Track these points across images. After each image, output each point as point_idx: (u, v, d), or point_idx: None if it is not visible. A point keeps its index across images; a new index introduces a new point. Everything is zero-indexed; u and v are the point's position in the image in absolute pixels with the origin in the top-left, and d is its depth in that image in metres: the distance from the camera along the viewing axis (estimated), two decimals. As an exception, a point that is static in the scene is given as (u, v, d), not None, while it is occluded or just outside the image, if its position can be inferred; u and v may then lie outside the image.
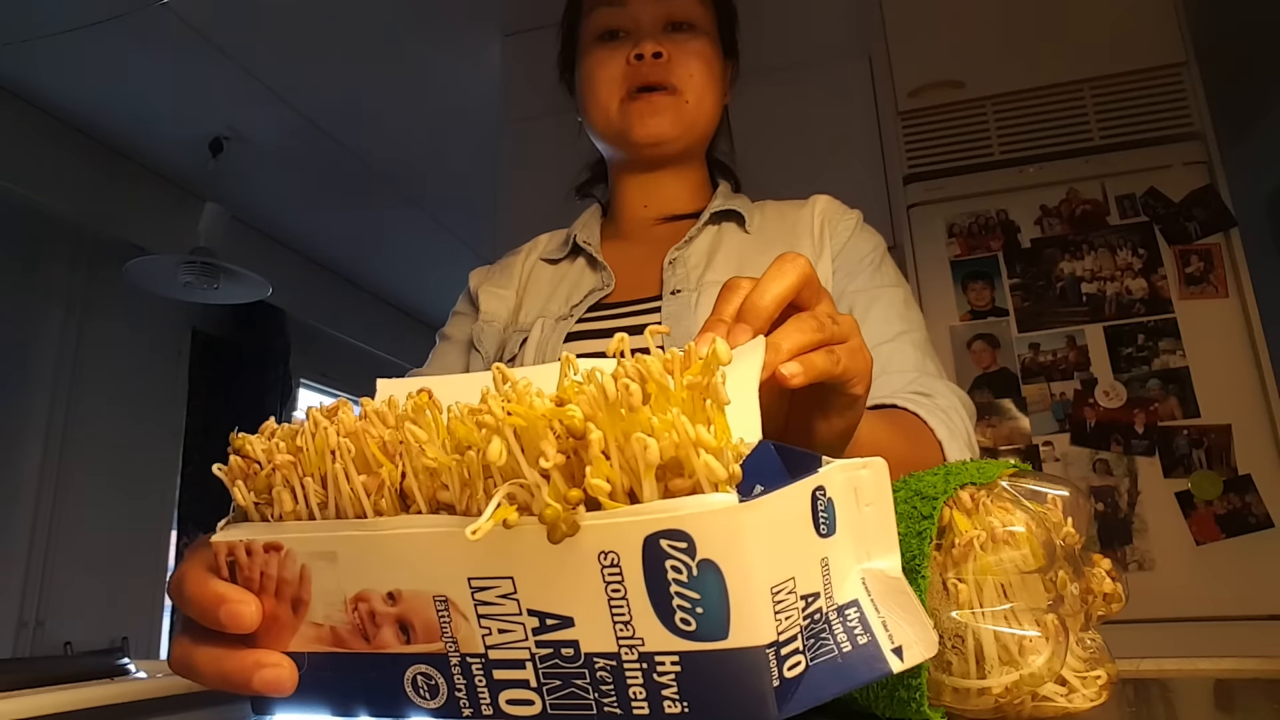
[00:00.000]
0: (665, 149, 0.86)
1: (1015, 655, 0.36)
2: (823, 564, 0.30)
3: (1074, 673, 0.37)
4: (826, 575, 0.30)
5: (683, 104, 0.84)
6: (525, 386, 0.30)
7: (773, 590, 0.27)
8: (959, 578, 0.37)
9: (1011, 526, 0.38)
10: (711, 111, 0.87)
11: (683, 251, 0.84)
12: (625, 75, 0.84)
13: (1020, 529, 0.38)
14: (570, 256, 0.92)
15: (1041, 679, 0.36)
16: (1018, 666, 0.36)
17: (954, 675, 0.37)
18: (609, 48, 0.86)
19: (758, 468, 0.30)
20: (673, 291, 0.80)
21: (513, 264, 0.96)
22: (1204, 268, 1.79)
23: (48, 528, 2.78)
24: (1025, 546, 0.37)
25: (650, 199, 0.91)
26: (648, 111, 0.83)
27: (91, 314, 3.02)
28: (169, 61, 2.57)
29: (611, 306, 0.83)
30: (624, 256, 0.88)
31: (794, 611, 0.29)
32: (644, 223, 0.91)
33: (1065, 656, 0.36)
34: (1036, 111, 1.97)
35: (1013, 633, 0.36)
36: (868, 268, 0.80)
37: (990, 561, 0.37)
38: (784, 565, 0.28)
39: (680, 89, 0.84)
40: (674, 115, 0.84)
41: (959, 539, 0.38)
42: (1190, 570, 1.67)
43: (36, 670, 0.59)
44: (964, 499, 0.39)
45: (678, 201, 0.90)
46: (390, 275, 4.37)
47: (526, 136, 2.48)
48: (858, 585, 0.32)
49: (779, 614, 0.28)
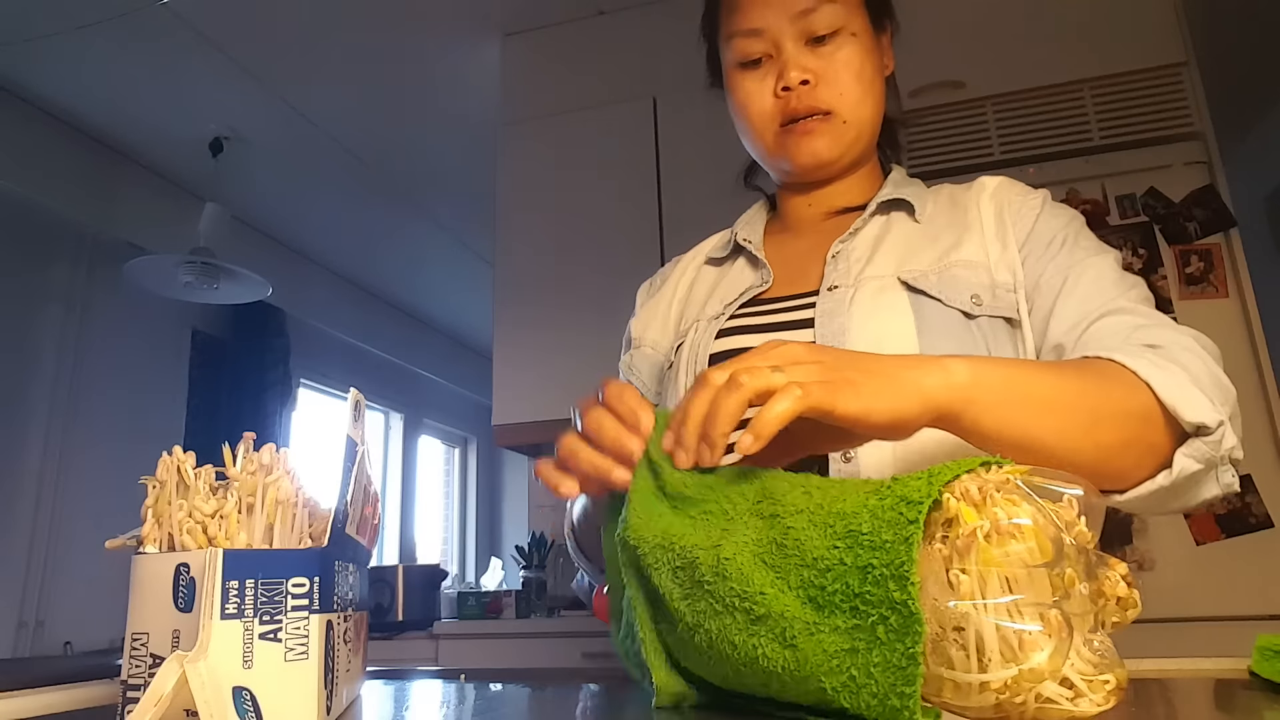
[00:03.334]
0: (827, 170, 0.84)
1: (1016, 650, 0.35)
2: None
3: (1081, 676, 0.36)
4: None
5: (839, 125, 0.81)
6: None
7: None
8: (962, 569, 0.37)
9: (1018, 519, 0.37)
10: (872, 116, 0.84)
11: (847, 244, 0.82)
12: (775, 108, 0.82)
13: (1027, 521, 0.37)
14: (732, 256, 0.91)
15: (1041, 676, 0.35)
16: (1018, 661, 0.35)
17: (955, 670, 0.37)
18: (754, 77, 0.83)
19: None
20: (830, 288, 0.78)
21: (669, 276, 0.96)
22: (1204, 268, 1.79)
23: (48, 528, 2.78)
24: (1032, 540, 0.37)
25: (815, 201, 0.89)
26: (804, 140, 0.81)
27: (91, 314, 3.02)
28: (169, 61, 2.57)
29: (767, 302, 0.82)
30: (787, 251, 0.87)
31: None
32: (809, 219, 0.89)
33: (1069, 654, 0.36)
34: (1036, 111, 1.97)
35: (1014, 627, 0.36)
36: (1064, 245, 0.76)
37: (995, 554, 0.37)
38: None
39: (834, 110, 0.81)
40: (831, 138, 0.81)
41: (963, 530, 0.37)
42: (1190, 570, 1.67)
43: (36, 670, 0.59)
44: (971, 491, 0.39)
45: (845, 199, 0.88)
46: (390, 275, 4.37)
47: (526, 136, 2.48)
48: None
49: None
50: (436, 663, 2.31)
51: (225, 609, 0.40)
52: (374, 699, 0.58)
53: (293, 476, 0.48)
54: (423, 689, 0.66)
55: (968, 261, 0.76)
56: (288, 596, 0.41)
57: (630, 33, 2.48)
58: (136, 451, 3.04)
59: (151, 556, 0.43)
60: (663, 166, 2.34)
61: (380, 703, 0.57)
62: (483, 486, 5.63)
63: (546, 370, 2.30)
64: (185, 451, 0.48)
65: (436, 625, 2.41)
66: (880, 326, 0.73)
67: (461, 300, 4.69)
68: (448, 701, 0.59)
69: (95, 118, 2.86)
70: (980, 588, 0.37)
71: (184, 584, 0.40)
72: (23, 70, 2.59)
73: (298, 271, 3.93)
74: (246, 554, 0.41)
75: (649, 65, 2.40)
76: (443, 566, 3.08)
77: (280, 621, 0.41)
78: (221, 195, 2.91)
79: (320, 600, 0.42)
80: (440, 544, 5.31)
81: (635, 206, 2.32)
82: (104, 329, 3.05)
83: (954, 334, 0.72)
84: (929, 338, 0.71)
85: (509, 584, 3.41)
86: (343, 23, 2.46)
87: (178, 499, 0.46)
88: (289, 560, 0.42)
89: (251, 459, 0.48)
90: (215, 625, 0.39)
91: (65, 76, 2.63)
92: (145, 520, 0.46)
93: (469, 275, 4.27)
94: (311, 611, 0.42)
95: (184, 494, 0.46)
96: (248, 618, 0.40)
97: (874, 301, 0.75)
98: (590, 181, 2.37)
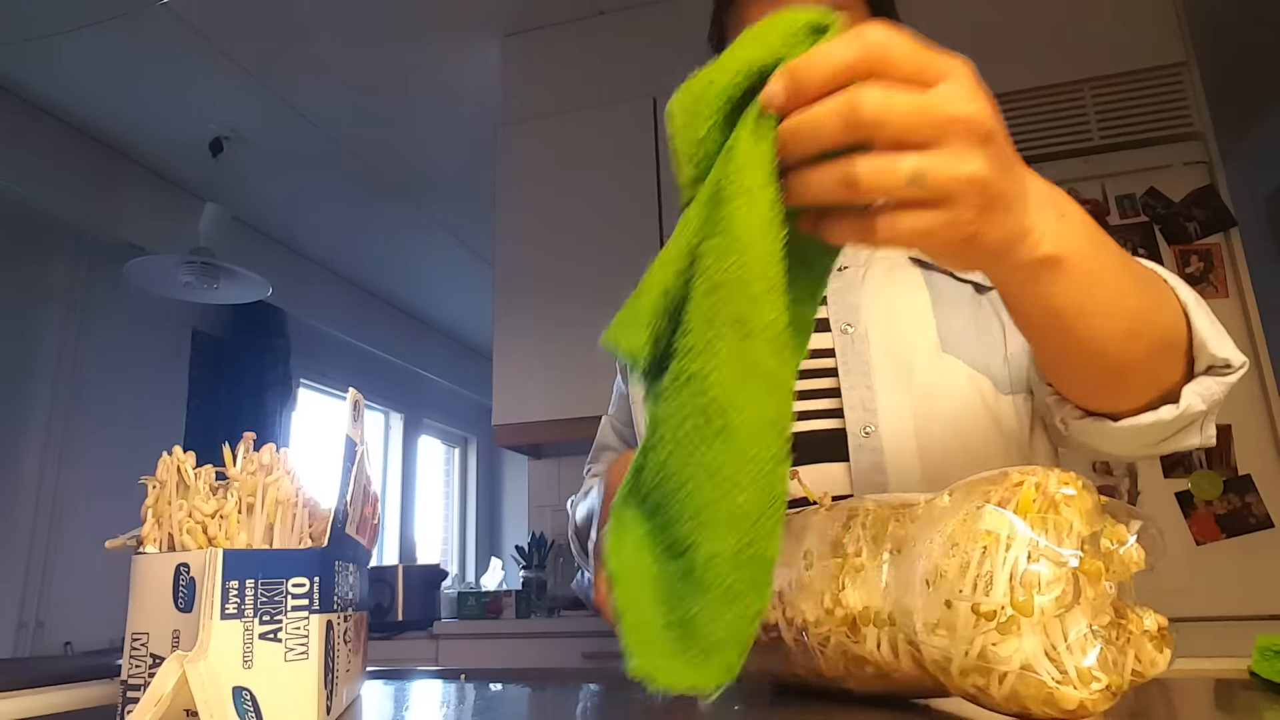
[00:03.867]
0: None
1: (1018, 585, 0.36)
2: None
3: (1073, 661, 0.36)
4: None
5: None
6: None
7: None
8: (1001, 504, 0.39)
9: (1066, 488, 0.38)
10: None
11: None
12: None
13: (1072, 492, 0.38)
14: None
15: (1029, 610, 0.35)
16: (1016, 595, 0.36)
17: (960, 592, 0.37)
18: None
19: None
20: (840, 268, 0.79)
21: None
22: (1204, 268, 1.79)
23: (48, 528, 2.78)
24: (1076, 511, 0.38)
25: None
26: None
27: (91, 314, 3.02)
28: (169, 61, 2.57)
29: None
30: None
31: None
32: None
33: (1068, 616, 0.36)
34: (1036, 111, 1.97)
35: (1030, 566, 0.36)
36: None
37: (1034, 508, 0.38)
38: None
39: None
40: None
41: (1012, 482, 0.39)
42: (1190, 570, 1.67)
43: (36, 670, 0.59)
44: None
45: None
46: (390, 275, 4.37)
47: (526, 136, 2.48)
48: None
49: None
50: (436, 663, 2.31)
51: (225, 609, 0.40)
52: (374, 699, 0.58)
53: (293, 476, 0.48)
54: (423, 689, 0.66)
55: None
56: (288, 596, 0.41)
57: (630, 33, 2.48)
58: (136, 451, 3.05)
59: (151, 556, 0.43)
60: (663, 166, 2.34)
61: (380, 703, 0.57)
62: (483, 486, 5.63)
63: (546, 370, 2.30)
64: (185, 451, 0.48)
65: (436, 625, 2.41)
66: (896, 301, 0.75)
67: (461, 300, 4.69)
68: (448, 701, 0.59)
69: (95, 118, 2.86)
70: (1010, 528, 0.37)
71: (184, 584, 0.41)
72: (23, 70, 2.59)
73: (298, 271, 3.93)
74: (246, 554, 0.41)
75: (649, 65, 2.40)
76: (443, 566, 3.08)
77: (280, 621, 0.41)
78: (221, 195, 2.91)
79: (320, 600, 0.42)
80: (440, 544, 5.31)
81: (635, 206, 2.32)
82: (104, 329, 3.05)
83: (967, 307, 0.74)
84: (944, 311, 0.73)
85: (509, 584, 3.41)
86: (343, 23, 2.46)
87: (178, 499, 0.46)
88: (289, 560, 0.42)
89: (251, 459, 0.48)
90: (215, 625, 0.39)
91: (65, 76, 2.63)
92: (145, 520, 0.46)
93: (469, 275, 4.27)
94: (311, 611, 0.42)
95: (184, 494, 0.46)
96: (248, 618, 0.40)
97: (887, 277, 0.77)
98: (590, 181, 2.37)
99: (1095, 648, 0.36)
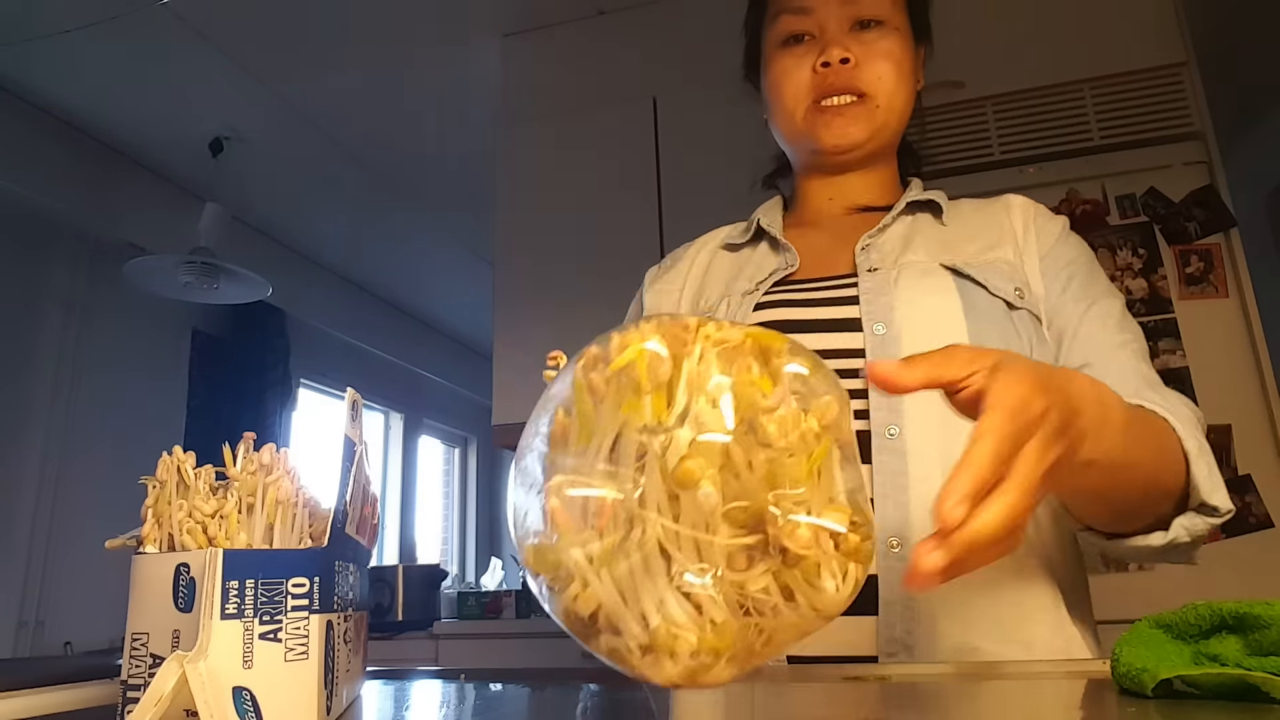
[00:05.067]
0: (854, 154, 0.85)
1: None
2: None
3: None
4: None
5: (872, 109, 0.82)
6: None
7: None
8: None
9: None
10: (902, 110, 0.85)
11: (876, 239, 0.82)
12: (812, 83, 0.83)
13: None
14: (752, 242, 0.92)
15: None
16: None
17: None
18: (795, 54, 0.84)
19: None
20: (870, 269, 0.79)
21: (681, 257, 0.96)
22: (1204, 268, 1.79)
23: (48, 528, 2.78)
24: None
25: (836, 194, 0.90)
26: (835, 119, 0.82)
27: (91, 314, 3.02)
28: (169, 61, 2.57)
29: (801, 283, 0.83)
30: (808, 241, 0.87)
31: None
32: (830, 214, 0.90)
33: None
34: (1036, 111, 1.97)
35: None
36: (1080, 275, 0.78)
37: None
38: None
39: (869, 94, 0.82)
40: (864, 121, 0.82)
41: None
42: (1190, 570, 1.66)
43: (36, 670, 0.59)
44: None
45: (866, 196, 0.89)
46: (390, 275, 4.37)
47: (526, 137, 2.48)
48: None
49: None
50: (436, 663, 2.31)
51: (225, 609, 0.40)
52: (374, 699, 0.58)
53: (293, 476, 0.48)
54: (423, 689, 0.66)
55: (1006, 260, 0.78)
56: (288, 596, 0.41)
57: (630, 33, 2.48)
58: (136, 451, 3.05)
59: (151, 556, 0.43)
60: (663, 166, 2.34)
61: (380, 703, 0.57)
62: (483, 486, 5.63)
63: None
64: (185, 451, 0.48)
65: (436, 625, 2.41)
66: (928, 306, 0.74)
67: (461, 300, 4.68)
68: (448, 701, 0.59)
69: (95, 118, 2.86)
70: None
71: (184, 584, 0.41)
72: (23, 70, 2.59)
73: (298, 271, 3.93)
74: (246, 554, 0.42)
75: (649, 65, 2.40)
76: (443, 566, 3.08)
77: (280, 621, 0.41)
78: (221, 195, 2.91)
79: (320, 600, 0.42)
80: (440, 544, 5.31)
81: (635, 206, 2.32)
82: (104, 329, 3.05)
83: (999, 322, 0.74)
84: (976, 322, 0.73)
85: (509, 584, 3.41)
86: (343, 23, 2.46)
87: (178, 499, 0.46)
88: (289, 560, 0.42)
89: (251, 459, 0.48)
90: (215, 625, 0.39)
91: (65, 76, 2.63)
92: (145, 520, 0.46)
93: (469, 275, 4.27)
94: (311, 611, 0.42)
95: (184, 494, 0.46)
96: (248, 618, 0.40)
97: (919, 282, 0.76)
98: (590, 181, 2.37)
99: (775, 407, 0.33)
